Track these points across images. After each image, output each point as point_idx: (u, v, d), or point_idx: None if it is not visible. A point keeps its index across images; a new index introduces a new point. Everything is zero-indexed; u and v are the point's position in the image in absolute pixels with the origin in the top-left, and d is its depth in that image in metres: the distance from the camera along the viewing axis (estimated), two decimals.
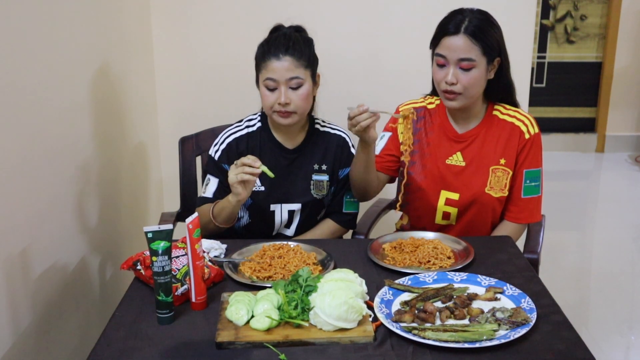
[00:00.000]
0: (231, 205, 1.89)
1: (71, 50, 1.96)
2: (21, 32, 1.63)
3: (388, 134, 2.11)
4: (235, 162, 1.83)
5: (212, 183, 2.06)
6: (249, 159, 1.80)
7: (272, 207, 2.06)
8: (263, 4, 2.70)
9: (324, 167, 2.09)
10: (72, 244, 1.98)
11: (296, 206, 2.07)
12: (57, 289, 1.85)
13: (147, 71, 2.77)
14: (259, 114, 2.12)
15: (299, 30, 2.04)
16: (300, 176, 2.07)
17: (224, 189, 2.02)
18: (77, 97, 2.01)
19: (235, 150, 2.05)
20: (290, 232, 2.12)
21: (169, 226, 1.47)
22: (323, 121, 2.15)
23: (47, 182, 1.78)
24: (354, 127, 1.80)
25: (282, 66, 1.92)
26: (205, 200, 2.05)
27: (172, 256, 1.54)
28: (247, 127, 2.09)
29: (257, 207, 2.06)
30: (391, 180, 2.15)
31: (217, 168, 2.06)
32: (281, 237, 2.11)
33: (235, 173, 1.80)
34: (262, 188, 2.03)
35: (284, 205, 2.06)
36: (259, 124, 2.09)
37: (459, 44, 1.84)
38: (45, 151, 1.76)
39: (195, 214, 1.53)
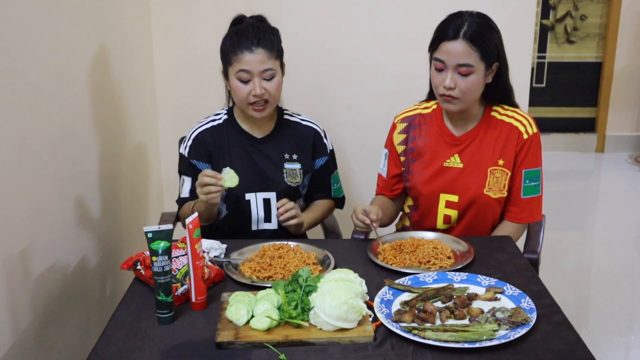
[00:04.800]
0: (207, 208, 1.94)
1: (71, 50, 1.96)
2: (21, 32, 1.63)
3: (388, 152, 2.13)
4: (197, 183, 1.84)
5: (187, 182, 2.10)
6: (209, 177, 1.81)
7: (247, 196, 2.07)
8: (263, 4, 2.70)
9: (294, 156, 2.10)
10: (72, 244, 1.98)
11: (271, 194, 2.08)
12: (57, 289, 1.85)
13: (147, 71, 2.77)
14: (227, 108, 2.14)
15: (262, 21, 2.04)
16: (271, 165, 2.08)
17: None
18: (77, 97, 2.01)
19: (201, 144, 2.07)
20: (272, 225, 2.12)
21: (169, 226, 1.47)
22: (292, 112, 2.16)
23: (47, 182, 1.78)
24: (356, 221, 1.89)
25: (256, 58, 1.94)
26: (184, 200, 2.10)
27: (172, 256, 1.54)
28: (212, 120, 2.11)
29: (233, 197, 2.07)
30: (404, 199, 2.19)
31: (188, 165, 2.09)
32: (267, 233, 2.11)
33: (202, 193, 1.83)
34: None
35: (258, 194, 2.07)
36: (225, 117, 2.11)
37: (457, 50, 1.83)
38: (45, 151, 1.76)
39: (196, 214, 1.53)
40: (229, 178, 1.82)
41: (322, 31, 2.76)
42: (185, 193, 2.10)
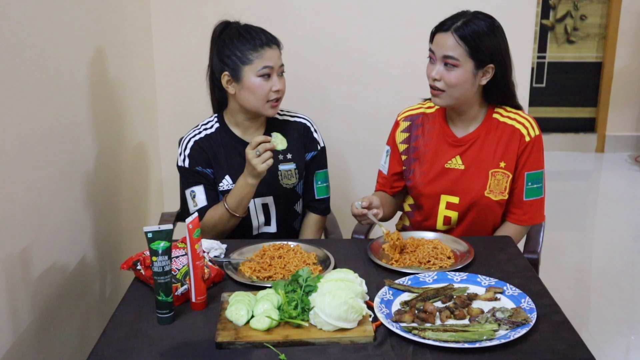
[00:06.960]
0: (254, 187, 1.93)
1: (72, 50, 1.96)
2: (21, 31, 1.63)
3: (390, 149, 2.13)
4: (251, 151, 1.84)
5: (199, 191, 2.04)
6: (261, 141, 1.83)
7: None
8: (263, 4, 2.70)
9: (289, 156, 2.09)
10: (72, 243, 1.98)
11: (268, 199, 2.08)
12: (57, 289, 1.85)
13: (147, 71, 2.77)
14: (215, 116, 2.12)
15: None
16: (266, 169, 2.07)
17: (213, 190, 2.04)
18: (77, 96, 2.01)
19: (200, 151, 2.05)
20: (272, 229, 2.12)
21: (169, 226, 1.47)
22: (281, 110, 2.15)
23: (47, 182, 1.78)
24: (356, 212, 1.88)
25: (275, 54, 1.97)
26: (205, 209, 2.03)
27: (172, 256, 1.54)
28: (205, 129, 2.09)
29: None
30: (404, 197, 2.18)
31: (194, 174, 2.05)
32: (266, 235, 2.11)
33: (262, 161, 1.84)
34: (233, 185, 2.03)
35: (256, 199, 2.06)
36: (216, 125, 2.09)
37: (445, 41, 1.85)
38: (45, 151, 1.76)
39: (195, 215, 1.53)
40: (280, 140, 1.84)
41: (322, 30, 2.76)
42: (202, 202, 2.03)
